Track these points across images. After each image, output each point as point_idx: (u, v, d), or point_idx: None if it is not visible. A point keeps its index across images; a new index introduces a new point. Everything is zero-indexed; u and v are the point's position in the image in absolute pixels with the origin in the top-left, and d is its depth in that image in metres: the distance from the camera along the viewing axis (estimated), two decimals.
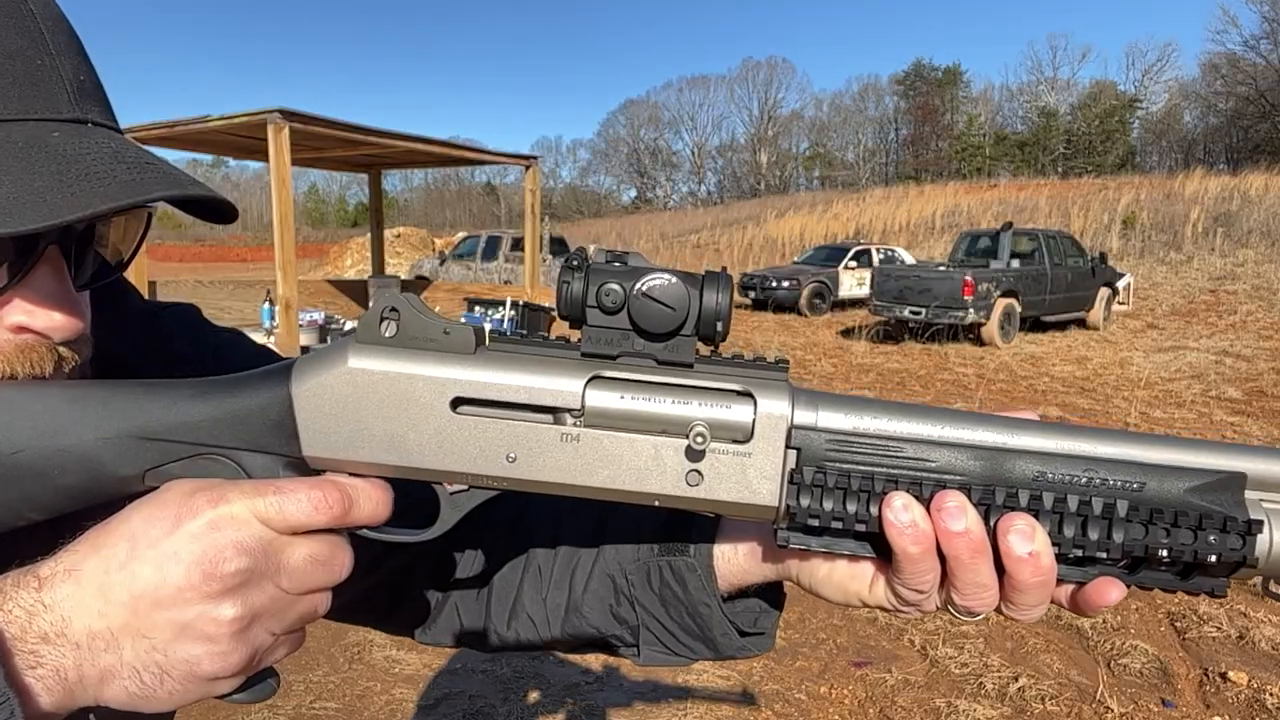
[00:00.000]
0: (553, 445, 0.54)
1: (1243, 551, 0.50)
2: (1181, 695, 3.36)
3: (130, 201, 0.51)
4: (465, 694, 3.29)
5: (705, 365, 0.55)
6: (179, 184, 0.55)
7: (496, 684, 3.35)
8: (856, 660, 3.63)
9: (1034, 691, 3.33)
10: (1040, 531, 0.52)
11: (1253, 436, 7.65)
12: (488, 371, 0.53)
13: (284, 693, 3.29)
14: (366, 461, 0.54)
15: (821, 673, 3.54)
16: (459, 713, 3.18)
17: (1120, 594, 0.54)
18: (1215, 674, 3.49)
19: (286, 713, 3.16)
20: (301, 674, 3.42)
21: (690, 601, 0.70)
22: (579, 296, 0.52)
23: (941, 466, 0.53)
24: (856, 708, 3.29)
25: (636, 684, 3.36)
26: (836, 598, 0.63)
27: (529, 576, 0.79)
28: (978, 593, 0.55)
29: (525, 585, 0.79)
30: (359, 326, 0.54)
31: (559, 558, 0.78)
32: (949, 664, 3.57)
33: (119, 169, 0.53)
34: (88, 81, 0.57)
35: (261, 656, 0.52)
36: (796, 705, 3.29)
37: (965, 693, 3.35)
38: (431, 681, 3.38)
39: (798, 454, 0.54)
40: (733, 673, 3.49)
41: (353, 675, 3.42)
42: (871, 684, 3.44)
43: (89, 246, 0.59)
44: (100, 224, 0.59)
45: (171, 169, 0.57)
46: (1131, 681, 3.46)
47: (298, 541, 0.51)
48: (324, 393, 0.53)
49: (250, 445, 0.54)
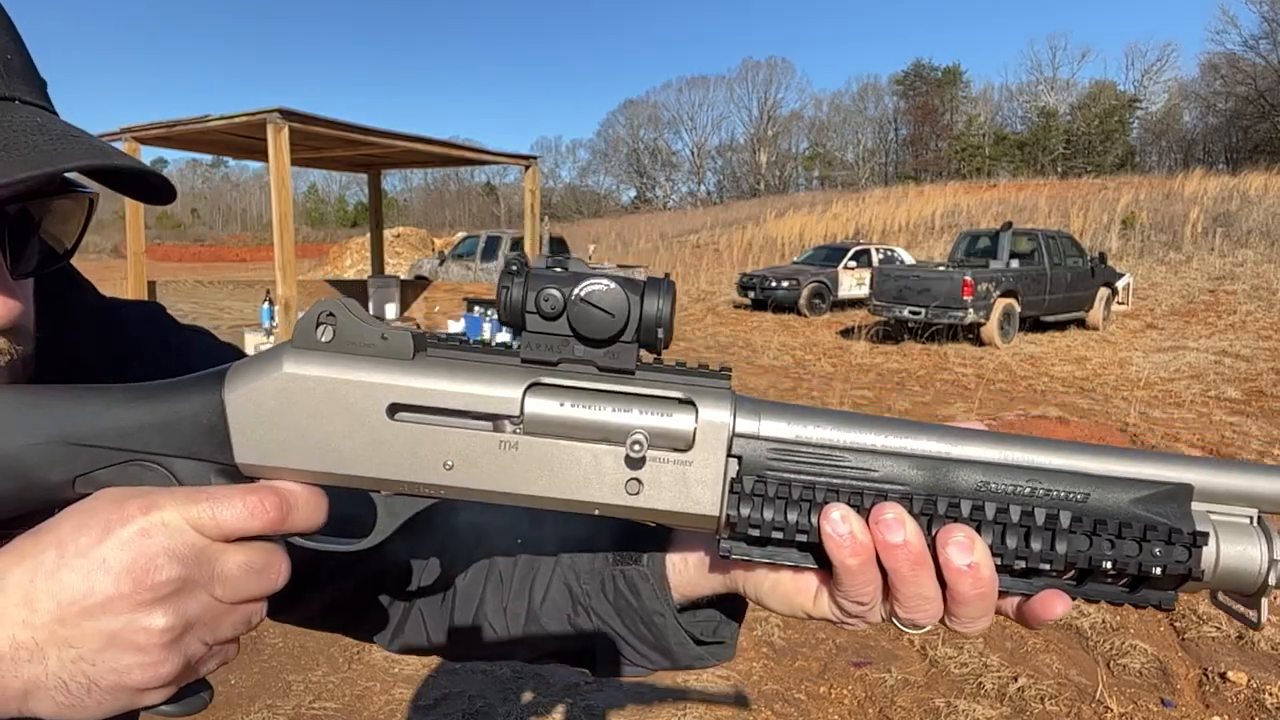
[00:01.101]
0: (491, 453, 0.53)
1: (1188, 564, 0.49)
2: (1181, 695, 3.36)
3: (50, 169, 0.50)
4: (465, 694, 3.29)
5: (647, 372, 0.54)
6: (104, 154, 0.53)
7: (496, 684, 3.35)
8: (856, 660, 3.64)
9: (1033, 691, 3.33)
10: (980, 543, 0.51)
11: (1252, 436, 7.65)
12: (425, 378, 0.52)
13: (284, 692, 3.29)
14: (300, 469, 0.53)
15: (821, 673, 3.54)
16: (458, 713, 3.18)
17: (1066, 607, 0.53)
18: (1215, 674, 3.49)
19: (286, 713, 3.16)
20: (301, 674, 3.42)
21: (644, 611, 0.70)
22: (518, 302, 0.51)
23: (884, 476, 0.53)
24: (856, 708, 3.29)
25: (636, 685, 3.36)
26: (783, 609, 0.62)
27: (491, 585, 0.78)
28: (919, 605, 0.54)
29: (487, 594, 0.78)
30: (295, 331, 0.53)
31: (519, 566, 0.78)
32: (948, 664, 3.57)
33: (39, 139, 0.52)
34: (15, 61, 0.56)
35: (194, 667, 0.50)
36: (796, 705, 3.29)
37: (965, 693, 3.36)
38: (431, 681, 3.38)
39: (739, 463, 0.53)
40: (732, 673, 3.49)
41: (352, 675, 3.42)
42: (871, 684, 3.44)
43: (30, 234, 0.57)
44: (36, 209, 0.58)
45: (98, 142, 0.55)
46: (1131, 681, 3.46)
47: (232, 549, 0.50)
48: (257, 398, 0.52)
49: (182, 452, 0.53)
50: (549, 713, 3.21)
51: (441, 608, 0.80)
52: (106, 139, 6.23)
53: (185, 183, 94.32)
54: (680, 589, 0.69)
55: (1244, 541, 0.51)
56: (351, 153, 13.67)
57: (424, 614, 0.81)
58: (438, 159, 15.29)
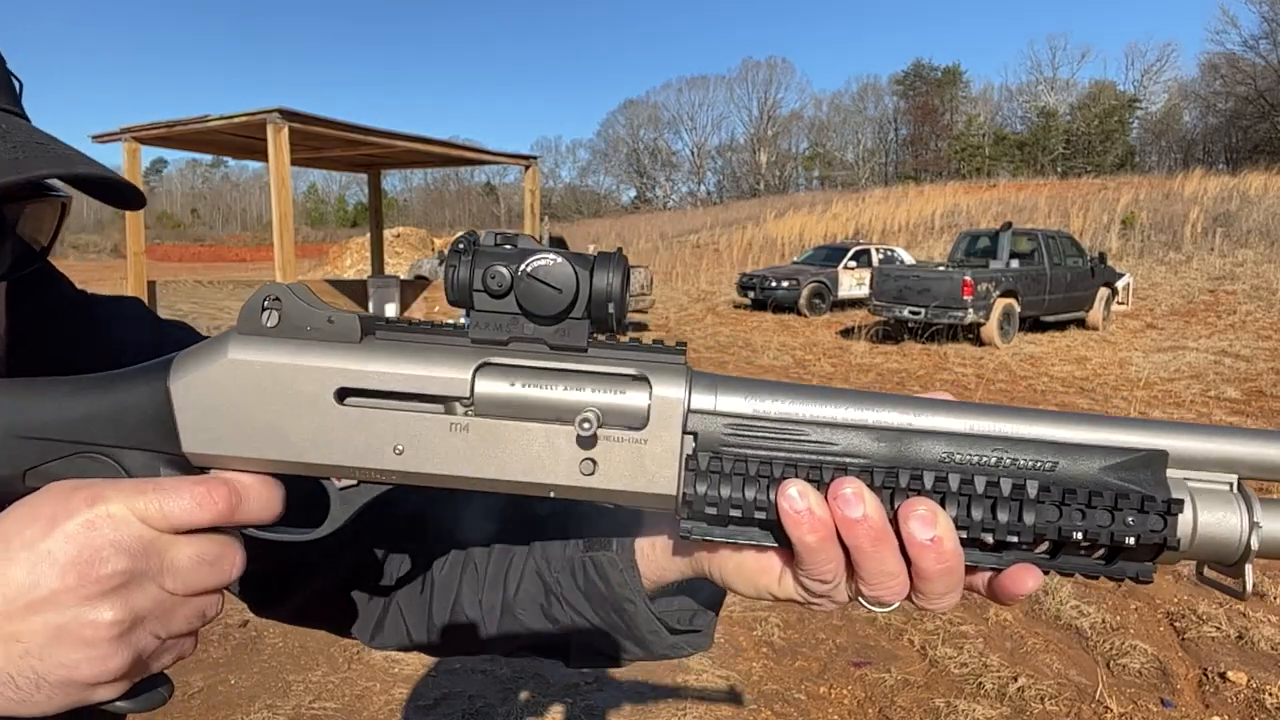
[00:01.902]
0: (442, 436, 0.51)
1: (1164, 533, 0.48)
2: (1181, 695, 3.36)
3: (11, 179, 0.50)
4: (464, 694, 3.29)
5: (600, 350, 0.53)
6: (68, 163, 0.53)
7: (496, 684, 3.35)
8: (856, 660, 3.64)
9: (1033, 691, 3.33)
10: (943, 516, 0.49)
11: None
12: (373, 361, 0.51)
13: (284, 692, 3.29)
14: (249, 456, 0.52)
15: (821, 672, 3.54)
16: (458, 713, 3.18)
17: (1037, 582, 0.51)
18: (1214, 674, 3.49)
19: (286, 713, 3.16)
20: (301, 674, 3.42)
21: (615, 597, 0.68)
22: (465, 281, 0.50)
23: (844, 450, 0.51)
24: (856, 708, 3.29)
25: (636, 684, 3.37)
26: (749, 592, 0.61)
27: (467, 577, 0.78)
28: (884, 581, 0.52)
29: (464, 586, 0.77)
30: (240, 317, 0.52)
31: (494, 557, 0.77)
32: (948, 664, 3.57)
33: (2, 147, 0.52)
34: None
35: (147, 661, 0.49)
36: (796, 705, 3.29)
37: (964, 693, 3.35)
38: (431, 681, 3.38)
39: (695, 439, 0.51)
40: (732, 673, 3.49)
41: (352, 675, 3.42)
42: (871, 684, 3.44)
43: (3, 238, 0.58)
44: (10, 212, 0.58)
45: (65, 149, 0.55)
46: (1131, 681, 3.46)
47: (183, 541, 0.49)
48: (203, 386, 0.51)
49: (130, 442, 0.52)
50: (549, 713, 3.21)
51: (419, 602, 0.80)
52: (107, 139, 6.22)
53: (185, 183, 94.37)
54: (649, 575, 0.68)
55: (1222, 508, 0.50)
56: (351, 153, 13.68)
57: (403, 609, 0.80)
58: (438, 159, 15.29)
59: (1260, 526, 0.49)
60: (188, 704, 3.20)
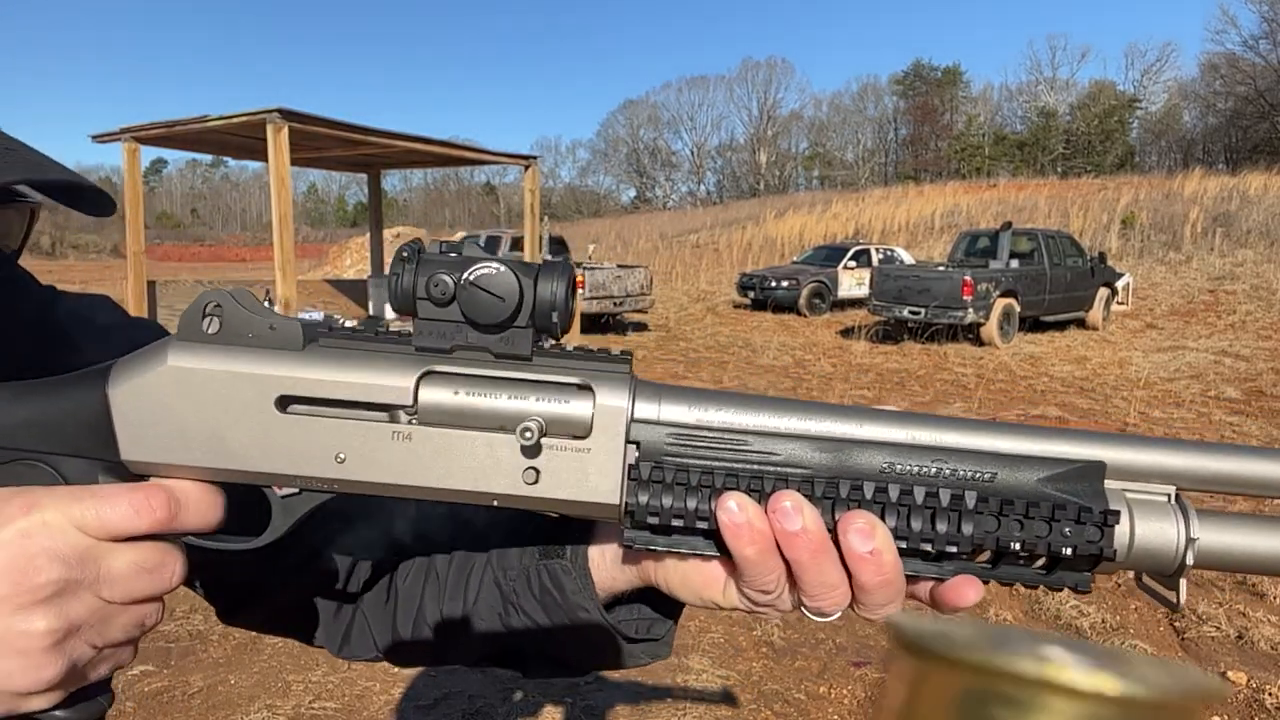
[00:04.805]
0: (384, 444, 0.51)
1: (1100, 544, 0.48)
2: None
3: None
4: (464, 694, 3.29)
5: (545, 358, 0.53)
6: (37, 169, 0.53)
7: (495, 684, 3.35)
8: (856, 660, 3.64)
9: None
10: (881, 529, 0.50)
11: (1251, 436, 7.65)
12: (315, 368, 0.51)
13: (284, 692, 3.29)
14: (188, 465, 0.51)
15: (821, 672, 3.54)
16: (458, 712, 3.18)
17: (978, 593, 0.51)
18: (1214, 674, 3.49)
19: (286, 713, 3.16)
20: (301, 674, 3.42)
21: (569, 605, 0.68)
22: (409, 289, 0.50)
23: (786, 460, 0.51)
24: (855, 707, 3.29)
25: (635, 685, 3.37)
26: (695, 601, 0.60)
27: (430, 586, 0.77)
28: (825, 592, 0.52)
29: (426, 595, 0.77)
30: (180, 323, 0.52)
31: (454, 565, 0.76)
32: None
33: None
34: None
35: (83, 671, 0.48)
36: (795, 705, 3.29)
37: None
38: (431, 681, 3.38)
39: (638, 448, 0.51)
40: (732, 673, 3.50)
41: (352, 675, 3.42)
42: (871, 684, 3.44)
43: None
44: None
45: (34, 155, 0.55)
46: None
47: (121, 549, 0.48)
48: (142, 393, 0.51)
49: (68, 449, 0.52)
50: (549, 713, 3.21)
51: (384, 613, 0.79)
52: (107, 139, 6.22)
53: (185, 183, 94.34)
54: (602, 584, 0.67)
55: (1160, 520, 0.50)
56: (351, 153, 13.67)
57: (369, 620, 0.80)
58: (437, 159, 15.28)
59: (1197, 539, 0.49)
60: (188, 704, 3.20)
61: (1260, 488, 0.52)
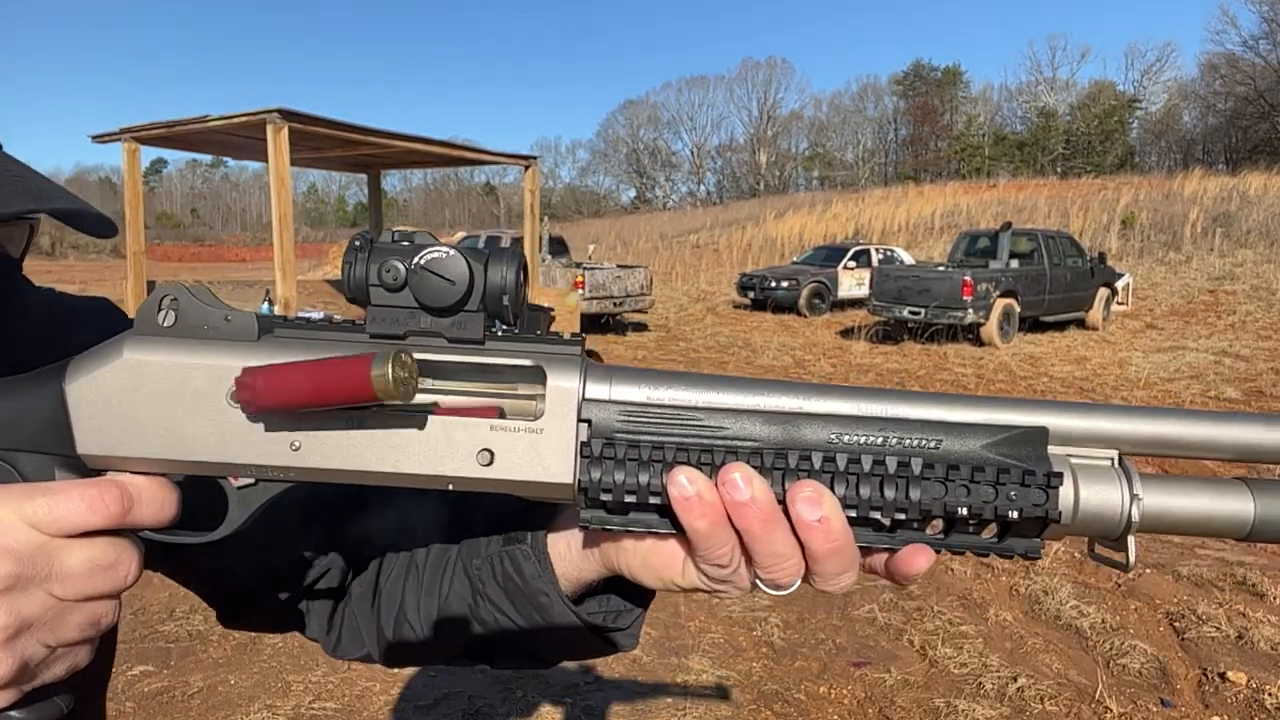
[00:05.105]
0: (339, 430, 0.52)
1: (1045, 506, 0.49)
2: (1180, 695, 3.36)
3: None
4: (464, 694, 3.29)
5: (497, 343, 0.54)
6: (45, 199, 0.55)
7: (496, 684, 3.35)
8: (856, 660, 3.64)
9: (1033, 691, 3.33)
10: (829, 497, 0.50)
11: None
12: (269, 358, 0.51)
13: (284, 692, 3.29)
14: (144, 457, 0.52)
15: (821, 672, 3.54)
16: (458, 712, 3.18)
17: (929, 560, 0.52)
18: (1214, 674, 3.49)
19: (286, 713, 3.16)
20: (301, 674, 3.42)
21: (529, 590, 0.68)
22: (361, 277, 0.51)
23: (735, 434, 0.52)
24: (856, 708, 3.29)
25: (635, 684, 3.37)
26: (655, 584, 0.61)
27: (410, 584, 0.77)
28: (778, 563, 0.53)
29: (407, 592, 0.77)
30: (136, 317, 0.52)
31: (430, 560, 0.77)
32: (948, 664, 3.57)
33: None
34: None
35: (36, 670, 0.48)
36: (796, 705, 3.29)
37: (964, 693, 3.36)
38: (431, 681, 3.38)
39: (589, 427, 0.52)
40: (732, 673, 3.50)
41: (352, 675, 3.42)
42: (870, 684, 3.44)
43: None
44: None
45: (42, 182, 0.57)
46: (1130, 681, 3.46)
47: (75, 545, 0.48)
48: (98, 387, 0.51)
49: (25, 445, 0.52)
50: (548, 713, 3.21)
51: (371, 613, 0.79)
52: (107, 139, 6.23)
53: (185, 183, 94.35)
54: (568, 574, 0.68)
55: (1104, 483, 0.51)
56: (351, 153, 13.67)
57: (359, 621, 0.80)
58: (437, 159, 15.28)
59: (1140, 499, 0.51)
60: (188, 704, 3.20)
61: (1202, 450, 0.53)
